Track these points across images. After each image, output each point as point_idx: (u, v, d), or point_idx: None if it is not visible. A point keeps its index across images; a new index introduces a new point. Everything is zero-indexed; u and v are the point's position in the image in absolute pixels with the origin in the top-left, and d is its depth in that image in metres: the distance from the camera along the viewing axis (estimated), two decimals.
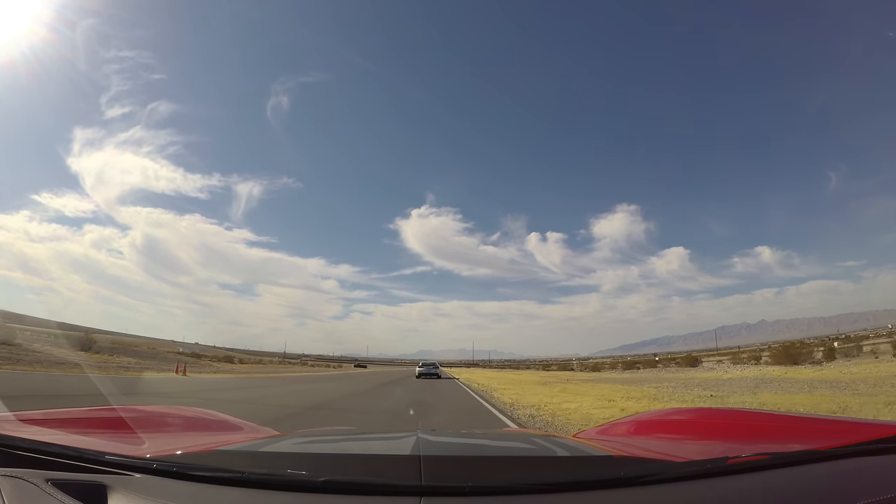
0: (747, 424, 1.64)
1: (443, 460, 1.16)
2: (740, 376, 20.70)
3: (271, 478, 0.97)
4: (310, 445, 1.57)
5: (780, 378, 17.41)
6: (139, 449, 1.16)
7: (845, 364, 24.42)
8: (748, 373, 23.42)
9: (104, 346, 34.71)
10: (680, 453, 1.20)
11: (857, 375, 15.80)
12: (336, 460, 1.20)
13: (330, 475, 0.95)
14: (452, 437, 1.90)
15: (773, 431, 1.50)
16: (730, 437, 1.51)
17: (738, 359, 42.83)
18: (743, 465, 1.01)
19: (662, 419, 2.08)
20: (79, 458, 1.03)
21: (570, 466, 1.20)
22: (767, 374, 21.03)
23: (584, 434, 2.08)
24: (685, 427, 1.79)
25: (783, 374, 20.15)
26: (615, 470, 1.03)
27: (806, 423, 1.60)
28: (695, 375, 26.26)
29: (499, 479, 0.99)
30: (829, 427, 1.44)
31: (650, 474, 0.98)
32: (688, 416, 2.08)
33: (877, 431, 1.15)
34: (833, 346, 37.02)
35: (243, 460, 1.14)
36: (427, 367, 30.96)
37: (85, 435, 1.34)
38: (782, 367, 25.89)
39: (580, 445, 1.55)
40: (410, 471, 0.95)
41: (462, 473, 1.01)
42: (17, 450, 1.04)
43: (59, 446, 1.05)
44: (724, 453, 1.06)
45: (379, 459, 1.25)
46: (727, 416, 1.98)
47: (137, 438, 1.37)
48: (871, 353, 30.58)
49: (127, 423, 1.53)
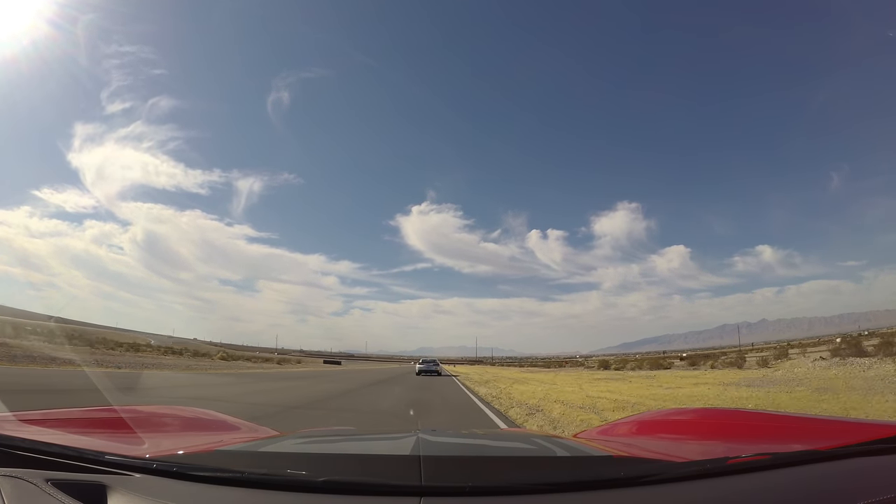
0: (748, 425, 1.64)
1: (443, 460, 1.16)
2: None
3: (271, 478, 0.97)
4: (310, 445, 1.57)
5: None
6: (139, 449, 1.16)
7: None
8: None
9: (62, 337, 32.32)
10: (680, 453, 1.20)
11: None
12: (336, 460, 1.20)
13: (330, 475, 0.95)
14: (452, 438, 1.90)
15: (774, 431, 1.49)
16: (731, 437, 1.51)
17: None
18: (743, 466, 1.01)
19: (663, 419, 2.08)
20: (79, 458, 1.03)
21: (570, 466, 1.20)
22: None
23: (584, 434, 2.08)
24: (686, 427, 1.79)
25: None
26: (615, 470, 1.03)
27: (807, 424, 1.59)
28: (764, 374, 19.85)
29: (499, 479, 0.99)
30: (830, 427, 1.44)
31: (650, 474, 0.98)
32: (689, 417, 2.08)
33: (877, 431, 1.14)
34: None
35: (243, 460, 1.14)
36: (427, 364, 31.40)
37: (85, 435, 1.34)
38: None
39: (580, 445, 1.55)
40: (410, 471, 0.95)
41: (462, 473, 1.01)
42: (16, 450, 1.04)
43: (58, 446, 1.05)
44: (725, 453, 1.06)
45: (379, 459, 1.26)
46: (728, 416, 1.97)
47: (137, 438, 1.37)
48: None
49: (127, 423, 1.53)
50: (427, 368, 30.58)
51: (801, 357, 27.60)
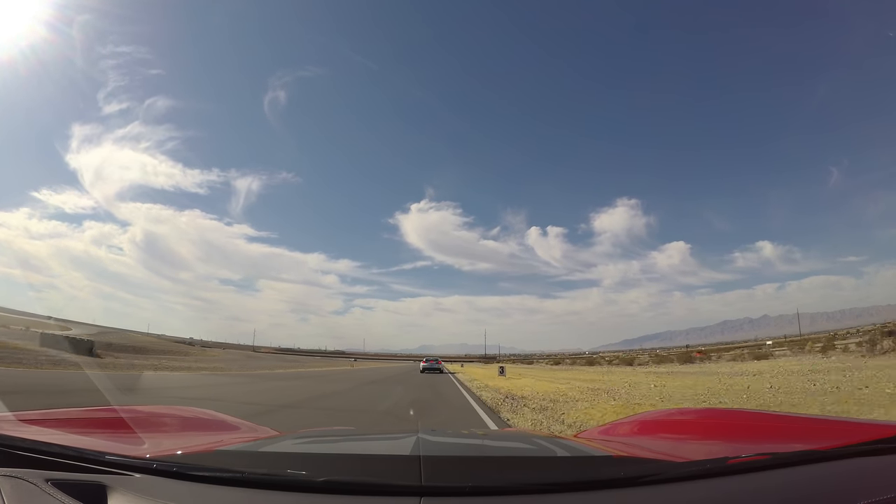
0: (749, 425, 1.63)
1: (443, 460, 1.16)
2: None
3: (271, 478, 0.97)
4: (310, 445, 1.57)
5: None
6: (139, 449, 1.16)
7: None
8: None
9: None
10: (681, 453, 1.20)
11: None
12: (336, 460, 1.21)
13: (330, 475, 0.95)
14: (452, 438, 1.90)
15: (774, 432, 1.49)
16: (732, 437, 1.51)
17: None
18: (743, 466, 1.01)
19: (664, 419, 2.08)
20: (79, 458, 1.03)
21: (570, 466, 1.20)
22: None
23: (585, 434, 2.08)
24: (687, 427, 1.79)
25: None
26: (615, 470, 1.03)
27: (807, 424, 1.59)
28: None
29: (499, 479, 0.99)
30: (831, 427, 1.43)
31: (650, 474, 0.98)
32: (690, 417, 2.07)
33: (878, 432, 1.14)
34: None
35: (243, 460, 1.15)
36: (430, 364, 35.92)
37: (85, 435, 1.34)
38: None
39: (580, 445, 1.55)
40: (410, 471, 0.95)
41: (462, 473, 1.01)
42: (16, 450, 1.04)
43: (59, 446, 1.06)
44: (725, 453, 1.06)
45: (379, 459, 1.26)
46: (729, 416, 1.97)
47: (137, 438, 1.37)
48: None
49: (127, 423, 1.53)
50: (430, 367, 34.68)
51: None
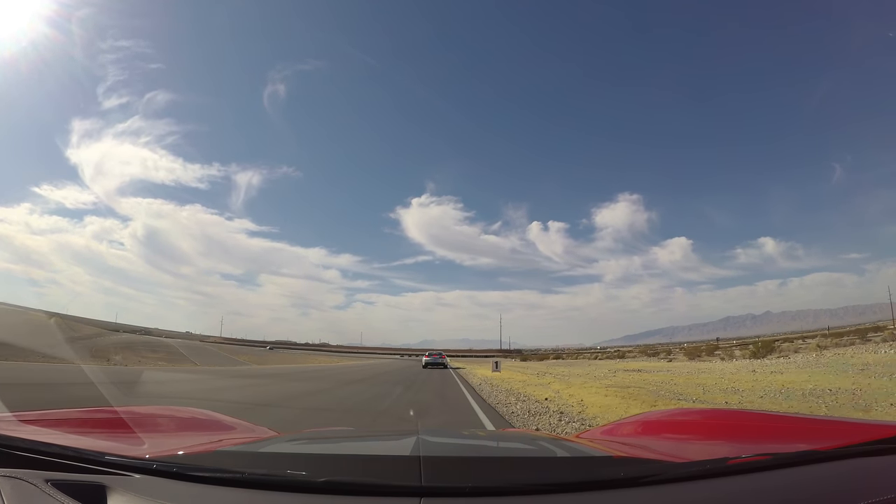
0: (751, 425, 1.62)
1: (443, 461, 1.16)
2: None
3: (271, 478, 0.97)
4: (310, 446, 1.57)
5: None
6: (139, 449, 1.16)
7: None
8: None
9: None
10: (682, 454, 1.19)
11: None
12: (336, 461, 1.20)
13: (330, 476, 0.95)
14: (452, 438, 1.90)
15: (776, 432, 1.48)
16: (733, 437, 1.50)
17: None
18: (744, 466, 1.00)
19: (666, 420, 2.07)
20: (78, 458, 1.03)
21: (570, 467, 1.19)
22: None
23: (587, 434, 2.07)
24: (688, 427, 1.78)
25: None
26: (615, 470, 1.03)
27: (808, 424, 1.58)
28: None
29: (499, 480, 0.99)
30: (831, 427, 1.42)
31: (650, 475, 0.97)
32: (691, 417, 2.07)
33: (879, 432, 1.13)
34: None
35: (243, 461, 1.14)
36: (433, 358, 33.50)
37: (84, 435, 1.34)
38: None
39: (580, 446, 1.55)
40: (410, 471, 0.94)
41: (462, 474, 1.00)
42: (16, 450, 1.04)
43: (58, 447, 1.05)
44: (726, 454, 1.05)
45: (379, 460, 1.25)
46: (731, 416, 1.96)
47: (137, 439, 1.37)
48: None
49: (126, 424, 1.53)
50: (433, 361, 32.54)
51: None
